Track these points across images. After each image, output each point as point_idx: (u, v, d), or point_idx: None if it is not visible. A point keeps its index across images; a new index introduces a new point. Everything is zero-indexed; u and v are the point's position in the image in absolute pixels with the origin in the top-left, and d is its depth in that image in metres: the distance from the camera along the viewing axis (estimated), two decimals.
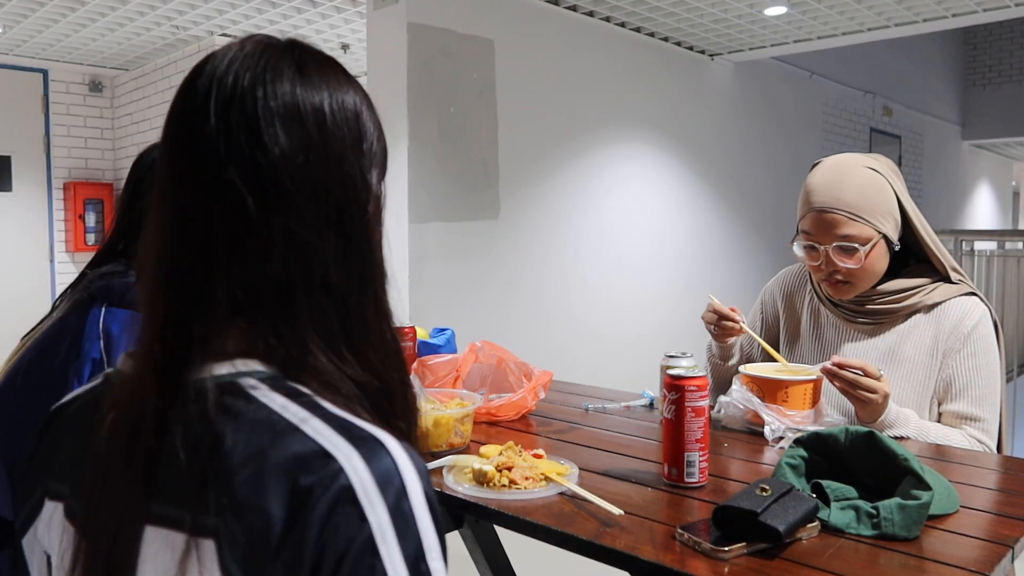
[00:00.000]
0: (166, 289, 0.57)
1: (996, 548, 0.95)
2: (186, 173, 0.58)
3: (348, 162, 0.60)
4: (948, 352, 1.49)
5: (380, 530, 0.50)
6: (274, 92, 0.58)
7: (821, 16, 4.28)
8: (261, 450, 0.52)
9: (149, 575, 0.54)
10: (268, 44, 0.61)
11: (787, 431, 1.38)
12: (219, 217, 0.56)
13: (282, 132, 0.57)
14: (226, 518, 0.51)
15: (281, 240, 0.57)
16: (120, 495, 0.56)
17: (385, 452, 0.53)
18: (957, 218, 9.59)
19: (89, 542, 0.58)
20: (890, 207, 1.48)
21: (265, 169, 0.56)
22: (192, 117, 0.58)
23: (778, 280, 1.76)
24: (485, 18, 3.58)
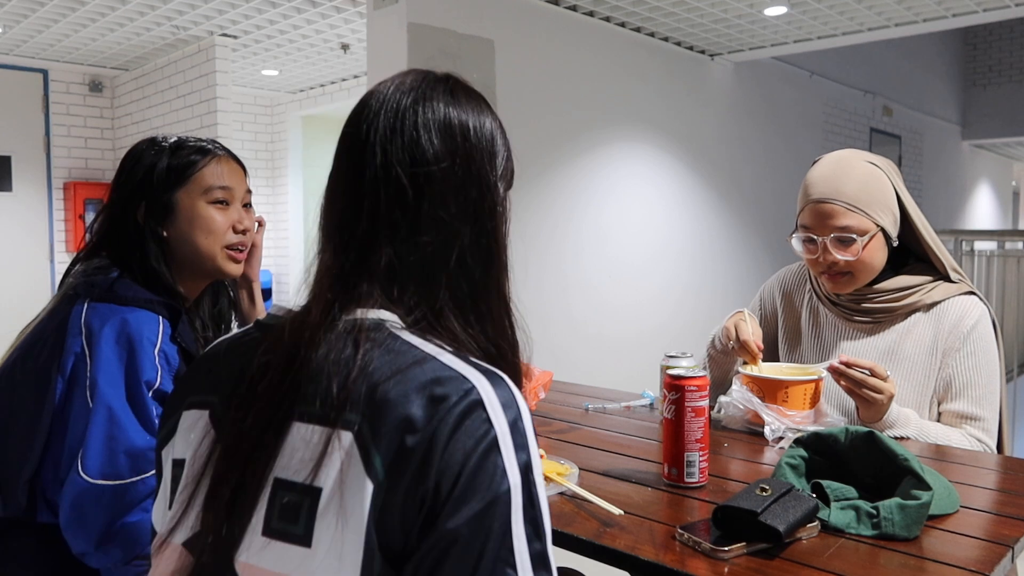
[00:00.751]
0: (341, 252, 0.72)
1: (996, 548, 0.95)
2: (360, 168, 0.73)
3: (484, 170, 0.76)
4: (948, 351, 1.49)
5: (502, 436, 0.62)
6: (431, 108, 0.74)
7: (821, 16, 4.28)
8: (402, 369, 0.64)
9: (291, 460, 0.64)
10: (427, 74, 0.80)
11: (787, 431, 1.38)
12: (384, 201, 0.71)
13: (436, 139, 0.73)
14: (367, 416, 0.62)
15: (429, 223, 0.71)
16: (273, 396, 0.66)
17: (505, 383, 0.65)
18: (957, 218, 9.59)
19: (234, 435, 0.68)
20: (889, 202, 1.48)
21: (421, 166, 0.72)
22: (365, 128, 0.74)
23: (777, 279, 1.76)
24: (485, 18, 3.58)
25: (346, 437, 0.62)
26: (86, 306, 1.14)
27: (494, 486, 0.60)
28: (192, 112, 5.01)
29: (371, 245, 0.71)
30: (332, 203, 0.76)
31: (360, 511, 0.60)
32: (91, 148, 5.78)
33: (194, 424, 0.73)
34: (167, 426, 0.77)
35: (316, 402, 0.64)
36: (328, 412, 0.63)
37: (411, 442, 0.60)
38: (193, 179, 1.23)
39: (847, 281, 1.51)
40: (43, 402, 1.10)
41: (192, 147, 1.26)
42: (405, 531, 0.60)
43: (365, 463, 0.61)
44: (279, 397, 0.66)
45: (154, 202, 1.23)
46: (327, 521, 0.61)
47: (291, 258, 6.60)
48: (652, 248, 4.65)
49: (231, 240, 1.26)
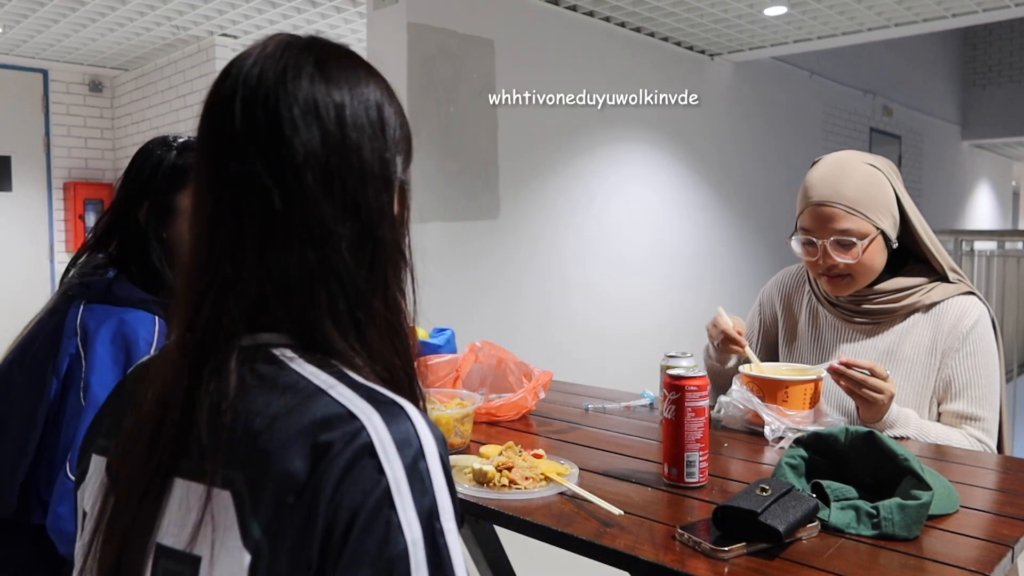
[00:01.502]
0: (199, 276, 0.61)
1: (996, 548, 0.95)
2: (217, 170, 0.61)
3: (367, 152, 0.64)
4: (947, 352, 1.49)
5: (396, 484, 0.53)
6: (296, 90, 0.61)
7: (821, 16, 4.28)
8: (288, 410, 0.56)
9: (171, 524, 0.58)
10: (289, 43, 0.64)
11: (787, 431, 1.38)
12: (247, 211, 0.60)
13: (304, 129, 0.60)
14: (246, 471, 0.54)
15: (303, 232, 0.60)
16: (152, 451, 0.59)
17: (405, 416, 0.56)
18: (957, 218, 9.59)
19: (120, 492, 0.62)
20: (889, 204, 1.48)
21: (288, 165, 0.60)
22: (220, 117, 0.62)
23: (776, 282, 1.75)
24: (485, 18, 3.58)
25: (224, 497, 0.55)
26: (82, 307, 1.14)
27: (388, 547, 0.52)
28: (192, 112, 5.01)
29: (236, 267, 0.60)
30: (193, 218, 0.64)
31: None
32: (91, 148, 5.78)
33: (96, 471, 0.67)
34: (81, 467, 0.70)
35: (195, 455, 0.57)
36: (204, 467, 0.56)
37: (291, 500, 0.53)
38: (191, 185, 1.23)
39: (847, 284, 1.51)
40: (38, 403, 1.10)
41: (189, 155, 1.26)
42: None
43: (242, 529, 0.54)
44: (159, 449, 0.59)
45: (157, 202, 1.23)
46: None
47: None
48: (652, 247, 4.65)
49: None
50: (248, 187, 0.60)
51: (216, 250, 0.61)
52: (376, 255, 0.64)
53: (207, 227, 0.62)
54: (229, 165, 0.60)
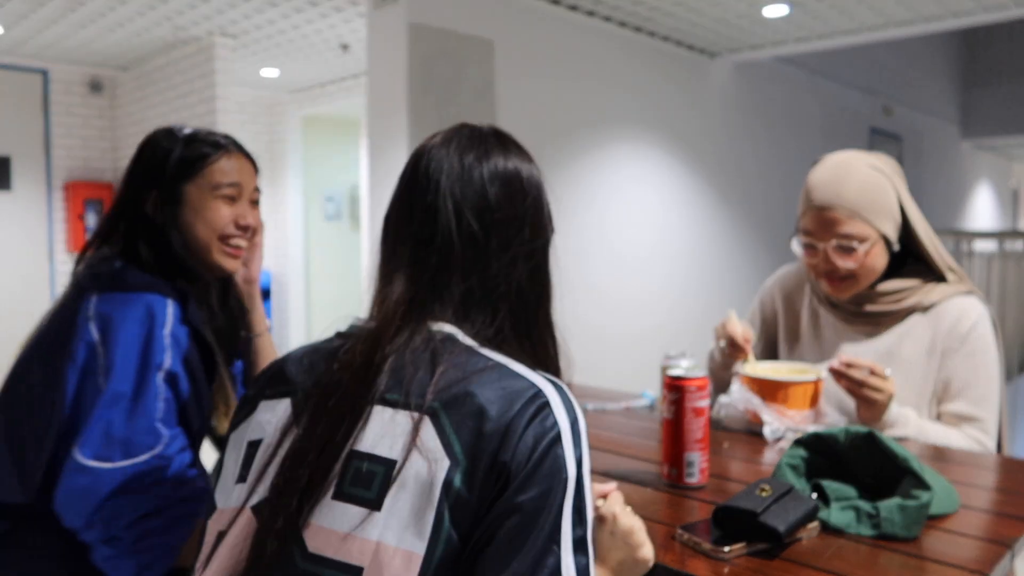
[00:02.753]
0: (414, 282, 0.82)
1: (996, 548, 0.95)
2: (431, 213, 0.83)
3: (537, 213, 0.88)
4: (946, 352, 1.48)
5: (564, 432, 0.72)
6: (493, 162, 0.86)
7: (821, 16, 4.28)
8: (478, 370, 0.75)
9: (366, 437, 0.73)
10: (476, 129, 0.90)
11: (787, 431, 1.38)
12: (457, 242, 0.82)
13: (499, 189, 0.85)
14: (446, 406, 0.72)
15: (495, 259, 0.83)
16: (353, 385, 0.76)
17: (566, 392, 0.76)
18: (957, 218, 9.60)
19: (315, 414, 0.76)
20: (890, 207, 1.47)
21: (488, 212, 0.83)
22: (434, 178, 0.85)
23: (776, 280, 1.75)
24: (485, 18, 3.58)
25: (426, 421, 0.72)
26: (95, 298, 1.15)
27: (556, 473, 0.70)
28: (192, 112, 5.01)
29: (444, 277, 0.82)
30: (399, 242, 0.85)
31: (434, 485, 0.69)
32: (91, 148, 5.78)
33: (273, 409, 0.81)
34: (241, 415, 0.85)
35: (397, 392, 0.74)
36: (409, 400, 0.73)
37: (489, 429, 0.70)
38: (203, 172, 1.24)
39: (848, 286, 1.51)
40: (55, 391, 1.12)
41: (205, 140, 1.26)
42: (480, 500, 0.69)
43: (444, 445, 0.70)
44: (360, 386, 0.75)
45: (165, 192, 1.23)
46: (400, 489, 0.70)
47: (290, 258, 6.60)
48: (652, 247, 4.65)
49: (229, 232, 1.26)
50: (459, 226, 0.82)
51: (429, 267, 0.82)
52: (542, 288, 0.88)
53: (421, 250, 0.83)
54: (443, 212, 0.83)
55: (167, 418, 1.12)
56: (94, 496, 1.05)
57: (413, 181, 0.87)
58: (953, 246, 5.45)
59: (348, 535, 0.70)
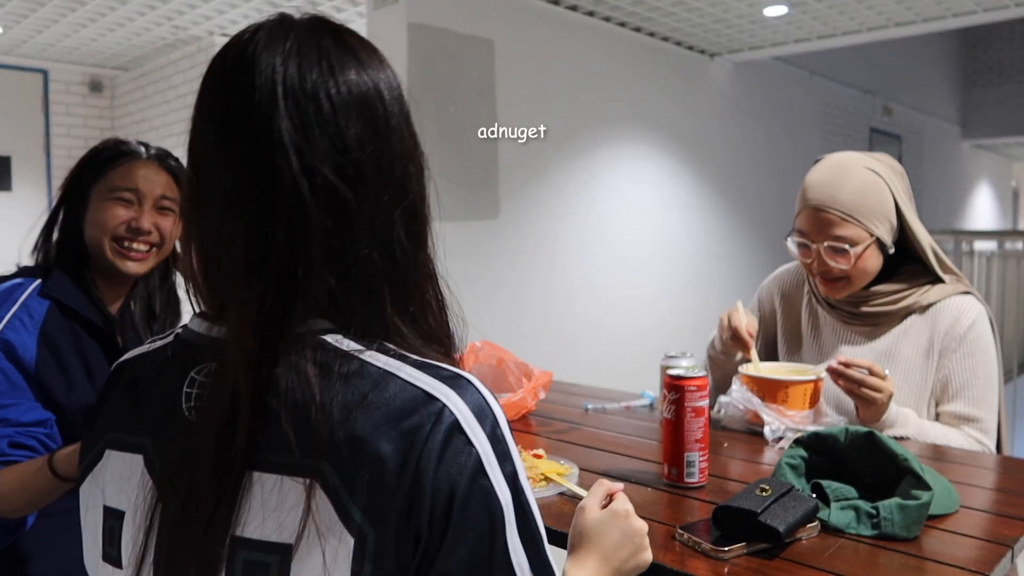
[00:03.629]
0: (256, 277, 0.60)
1: (996, 548, 0.95)
2: (267, 174, 0.60)
3: (404, 137, 0.65)
4: (944, 352, 1.48)
5: (485, 454, 0.58)
6: (345, 83, 0.61)
7: (821, 16, 4.28)
8: (364, 399, 0.57)
9: (253, 517, 0.58)
10: (311, 28, 0.64)
11: (787, 431, 1.38)
12: (313, 211, 0.60)
13: (358, 122, 0.62)
14: (335, 461, 0.56)
15: (366, 222, 0.61)
16: (222, 444, 0.59)
17: (473, 387, 0.60)
18: (957, 218, 9.59)
19: (183, 492, 0.60)
20: (886, 210, 1.47)
21: (350, 160, 0.61)
22: (263, 116, 0.60)
23: (775, 279, 1.75)
24: (485, 18, 3.58)
25: (316, 488, 0.56)
26: None
27: (488, 510, 0.57)
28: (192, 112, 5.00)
29: (301, 261, 0.60)
30: (225, 211, 0.62)
31: (343, 565, 0.56)
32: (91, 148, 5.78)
33: (128, 472, 0.66)
34: (88, 459, 0.71)
35: (273, 448, 0.58)
36: (296, 461, 0.57)
37: (391, 482, 0.55)
38: (105, 176, 1.29)
39: (841, 287, 1.51)
40: None
41: (124, 147, 1.32)
42: (406, 569, 0.57)
43: (340, 514, 0.56)
44: (230, 445, 0.59)
45: (76, 191, 1.31)
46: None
47: None
48: (652, 247, 4.65)
49: (120, 233, 1.28)
50: (311, 188, 0.59)
51: (276, 250, 0.60)
52: (421, 238, 0.67)
53: (260, 225, 0.60)
54: (285, 169, 0.59)
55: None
56: None
57: (231, 118, 0.62)
58: (953, 246, 5.44)
59: None
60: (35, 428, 1.14)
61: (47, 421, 1.16)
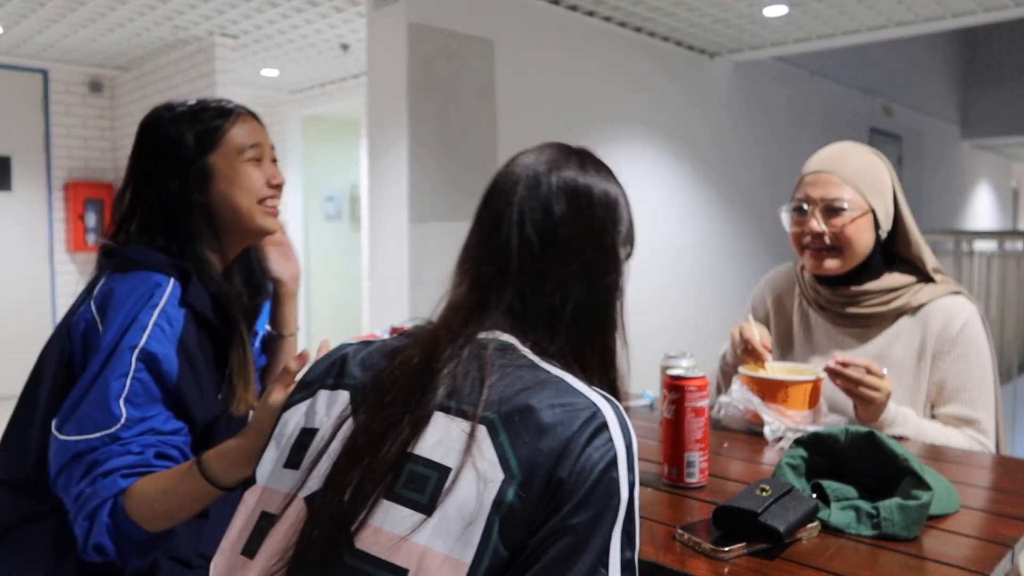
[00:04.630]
0: (473, 288, 0.83)
1: (996, 548, 0.95)
2: (498, 221, 0.85)
3: (603, 234, 0.86)
4: (938, 355, 1.48)
5: (621, 456, 0.72)
6: (562, 175, 0.86)
7: (821, 16, 4.28)
8: (537, 382, 0.74)
9: (424, 442, 0.74)
10: (563, 146, 0.90)
11: (787, 431, 1.38)
12: (515, 251, 0.83)
13: (564, 203, 0.84)
14: (504, 418, 0.72)
15: (551, 276, 0.82)
16: (414, 387, 0.77)
17: (622, 412, 0.75)
18: (957, 218, 9.60)
19: (376, 412, 0.77)
20: (884, 190, 1.50)
21: (548, 225, 0.83)
22: (509, 187, 0.86)
23: (767, 282, 1.75)
24: (485, 18, 3.58)
25: (482, 431, 0.72)
26: (105, 277, 1.16)
27: (609, 498, 0.70)
28: None
29: (500, 287, 0.82)
30: (469, 247, 0.87)
31: (486, 496, 0.69)
32: (91, 148, 5.79)
33: (331, 401, 0.83)
34: (297, 396, 0.86)
35: (454, 398, 0.75)
36: (465, 407, 0.74)
37: (546, 446, 0.70)
38: (224, 140, 1.22)
39: (831, 259, 1.50)
40: (57, 367, 1.13)
41: (213, 109, 1.24)
42: (533, 517, 0.69)
43: (500, 457, 0.70)
44: (417, 389, 0.76)
45: (191, 169, 1.20)
46: (452, 497, 0.70)
47: None
48: (652, 247, 4.65)
49: (265, 193, 1.26)
50: (520, 236, 0.83)
51: (486, 275, 0.83)
52: (601, 314, 0.85)
53: (482, 258, 0.84)
54: (508, 220, 0.84)
55: (136, 399, 1.07)
56: (54, 464, 1.05)
57: (493, 186, 0.88)
58: (953, 246, 5.44)
59: (396, 536, 0.70)
60: (175, 437, 1.10)
61: (182, 430, 1.12)
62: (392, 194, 3.39)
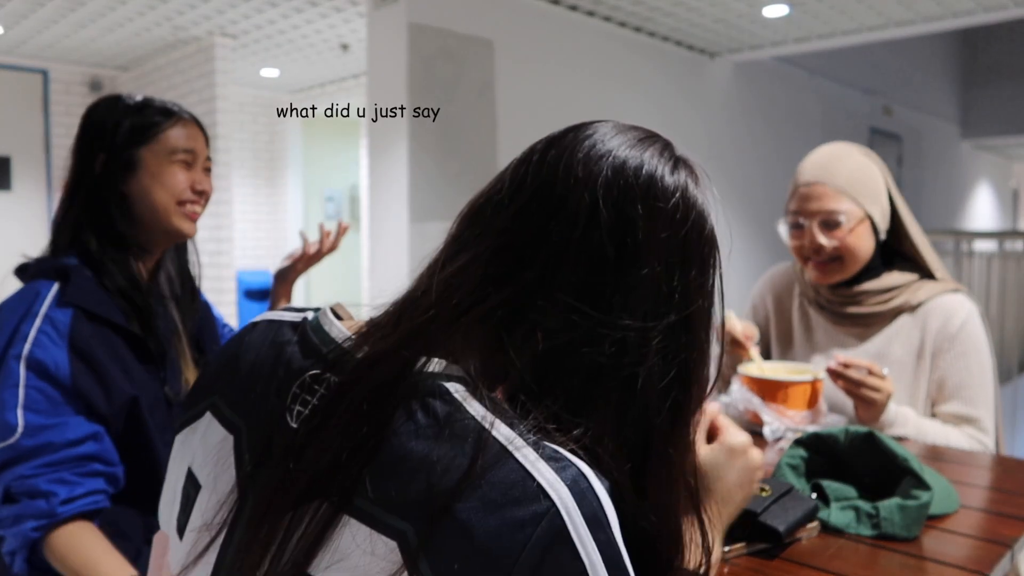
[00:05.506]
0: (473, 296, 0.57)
1: (995, 548, 0.95)
2: (555, 207, 0.58)
3: (707, 280, 0.60)
4: (937, 353, 1.48)
5: (593, 571, 0.49)
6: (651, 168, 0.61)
7: (821, 16, 4.28)
8: (468, 467, 0.50)
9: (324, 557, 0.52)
10: (656, 136, 0.66)
11: (787, 431, 1.38)
12: (572, 259, 0.56)
13: (647, 201, 0.58)
14: (425, 532, 0.49)
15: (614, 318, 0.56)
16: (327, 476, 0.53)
17: (590, 487, 0.51)
18: (957, 218, 9.60)
19: (263, 508, 0.56)
20: (879, 193, 1.49)
21: (630, 238, 0.57)
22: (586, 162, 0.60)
23: (767, 281, 1.75)
24: (485, 18, 3.58)
25: (390, 543, 0.50)
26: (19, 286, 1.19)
27: None
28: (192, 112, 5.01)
29: (521, 305, 0.56)
30: (486, 234, 0.60)
31: None
32: None
33: (216, 448, 0.63)
34: (189, 413, 0.68)
35: (385, 497, 0.51)
36: (402, 520, 0.50)
37: (476, 565, 0.48)
38: (159, 138, 1.24)
39: (833, 269, 1.50)
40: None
41: (156, 107, 1.27)
42: None
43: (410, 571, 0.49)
44: (336, 481, 0.53)
45: (117, 156, 1.24)
46: None
47: None
48: None
49: (187, 197, 1.27)
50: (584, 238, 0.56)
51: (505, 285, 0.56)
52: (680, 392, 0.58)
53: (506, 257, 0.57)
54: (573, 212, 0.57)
55: (36, 406, 1.08)
56: None
57: (552, 147, 0.63)
58: (953, 246, 5.44)
59: None
60: (83, 446, 1.10)
61: (97, 434, 1.12)
62: (392, 194, 3.39)
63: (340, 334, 0.61)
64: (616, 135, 0.64)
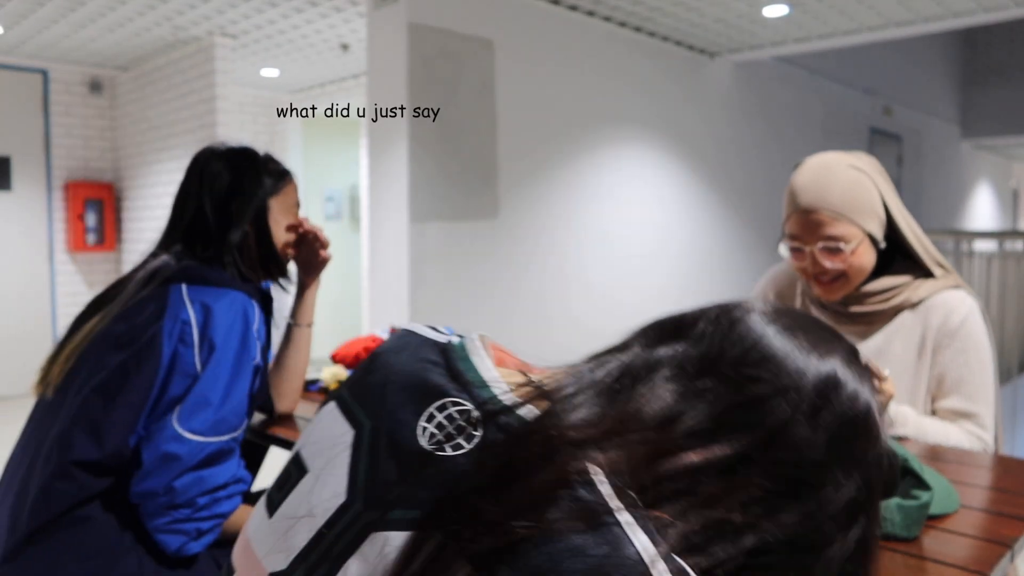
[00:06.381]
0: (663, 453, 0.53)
1: (995, 548, 0.95)
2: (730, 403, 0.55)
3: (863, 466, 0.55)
4: (938, 349, 1.48)
5: None
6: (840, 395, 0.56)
7: (821, 16, 4.28)
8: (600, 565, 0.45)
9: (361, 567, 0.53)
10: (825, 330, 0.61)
11: None
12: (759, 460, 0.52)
13: (833, 429, 0.55)
14: None
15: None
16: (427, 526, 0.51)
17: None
18: (957, 218, 9.60)
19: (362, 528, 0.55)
20: (874, 206, 1.48)
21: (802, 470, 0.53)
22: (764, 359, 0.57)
23: (769, 280, 1.76)
24: (485, 18, 3.58)
25: None
26: (185, 287, 1.29)
27: None
28: (192, 112, 5.01)
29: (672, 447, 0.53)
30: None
31: None
32: (91, 148, 5.78)
33: (335, 435, 0.62)
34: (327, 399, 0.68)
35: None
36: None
37: None
38: (285, 191, 1.47)
39: (838, 287, 1.51)
40: (151, 361, 1.23)
41: (277, 164, 1.49)
42: None
43: None
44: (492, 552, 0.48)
45: (255, 202, 1.41)
46: None
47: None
48: (651, 247, 4.65)
49: (290, 239, 1.51)
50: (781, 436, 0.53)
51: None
52: None
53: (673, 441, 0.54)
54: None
55: (250, 405, 1.29)
56: (181, 465, 1.18)
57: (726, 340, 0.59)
58: (953, 246, 5.44)
59: None
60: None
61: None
62: (392, 194, 3.39)
63: (492, 378, 0.61)
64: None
